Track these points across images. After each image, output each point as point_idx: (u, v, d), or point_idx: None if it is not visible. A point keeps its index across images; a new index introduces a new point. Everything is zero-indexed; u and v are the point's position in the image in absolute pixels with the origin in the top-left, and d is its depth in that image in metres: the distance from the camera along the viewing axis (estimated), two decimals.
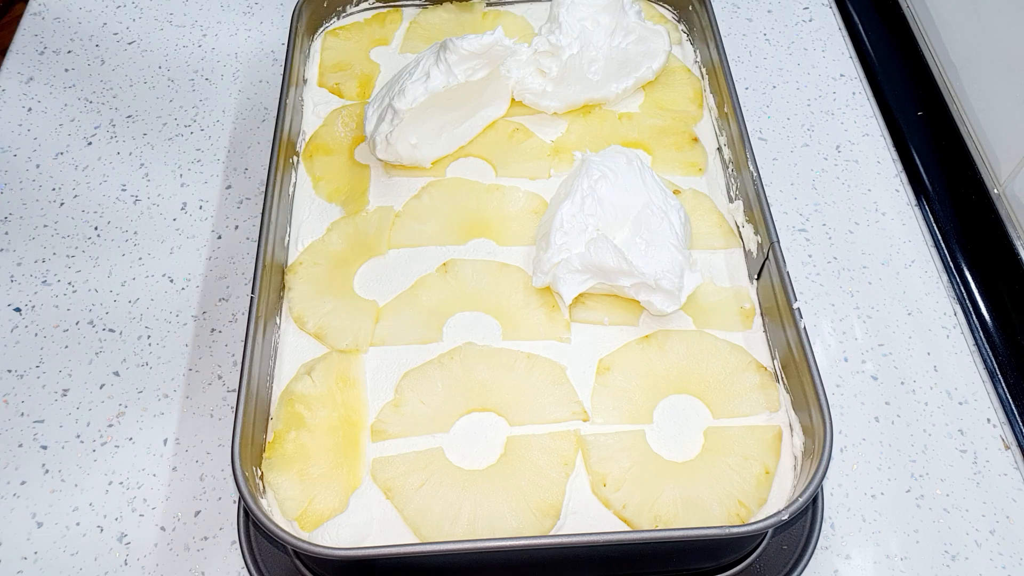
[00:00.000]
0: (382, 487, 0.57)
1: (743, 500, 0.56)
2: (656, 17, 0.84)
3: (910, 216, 0.76)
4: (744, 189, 0.68)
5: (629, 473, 0.57)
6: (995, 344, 0.67)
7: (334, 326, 0.64)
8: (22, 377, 0.67)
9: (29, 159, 0.80)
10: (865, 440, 0.64)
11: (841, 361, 0.68)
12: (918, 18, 0.88)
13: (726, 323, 0.65)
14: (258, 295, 0.60)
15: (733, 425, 0.60)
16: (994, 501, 0.61)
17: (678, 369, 0.62)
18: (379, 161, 0.74)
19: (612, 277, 0.62)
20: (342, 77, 0.80)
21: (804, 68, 0.87)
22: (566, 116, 0.77)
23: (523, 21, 0.85)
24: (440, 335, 0.64)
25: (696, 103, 0.78)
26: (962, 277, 0.72)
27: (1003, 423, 0.64)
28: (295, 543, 0.50)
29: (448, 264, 0.67)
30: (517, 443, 0.59)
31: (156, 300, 0.71)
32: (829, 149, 0.81)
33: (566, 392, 0.61)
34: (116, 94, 0.85)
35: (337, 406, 0.60)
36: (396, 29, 0.85)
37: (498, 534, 0.55)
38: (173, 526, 0.60)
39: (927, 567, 0.59)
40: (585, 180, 0.64)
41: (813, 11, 0.92)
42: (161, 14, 0.92)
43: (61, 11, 0.93)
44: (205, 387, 0.66)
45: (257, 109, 0.84)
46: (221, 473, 0.62)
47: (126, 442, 0.64)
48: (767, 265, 0.63)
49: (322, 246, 0.69)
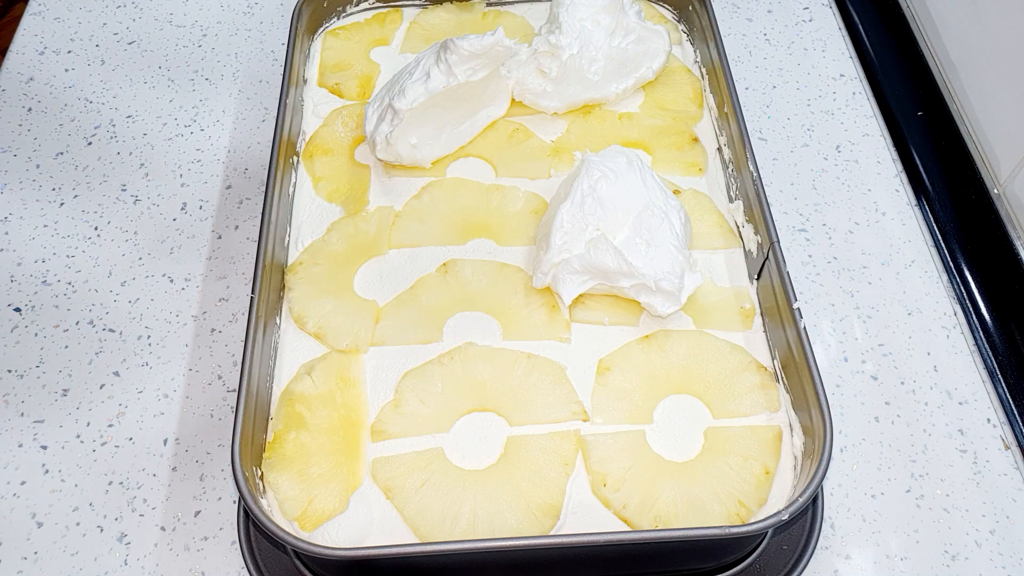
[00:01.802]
0: (382, 487, 0.57)
1: (743, 500, 0.56)
2: (656, 17, 0.84)
3: (910, 216, 0.76)
4: (744, 189, 0.68)
5: (629, 473, 0.57)
6: (995, 344, 0.67)
7: (334, 326, 0.64)
8: (22, 377, 0.67)
9: (29, 159, 0.80)
10: (865, 440, 0.64)
11: (841, 361, 0.68)
12: (918, 18, 0.88)
13: (726, 323, 0.65)
14: (258, 295, 0.60)
15: (733, 425, 0.60)
16: (994, 501, 0.61)
17: (678, 369, 0.62)
18: (379, 161, 0.74)
19: (612, 278, 0.62)
20: (342, 77, 0.80)
21: (804, 68, 0.87)
22: (566, 116, 0.77)
23: (523, 21, 0.85)
24: (440, 335, 0.64)
25: (696, 103, 0.78)
26: (962, 277, 0.72)
27: (1003, 423, 0.64)
28: (295, 543, 0.50)
29: (448, 264, 0.67)
30: (517, 443, 0.59)
31: (156, 300, 0.71)
32: (829, 149, 0.81)
33: (566, 392, 0.61)
34: (116, 94, 0.85)
35: (337, 406, 0.60)
36: (396, 29, 0.85)
37: (498, 534, 0.55)
38: (173, 526, 0.60)
39: (927, 567, 0.59)
40: (585, 180, 0.64)
41: (813, 11, 0.92)
42: (161, 14, 0.92)
43: (61, 11, 0.93)
44: (205, 387, 0.66)
45: (257, 109, 0.84)
46: (221, 473, 0.62)
47: (126, 442, 0.64)
48: (767, 265, 0.63)
49: (322, 246, 0.69)
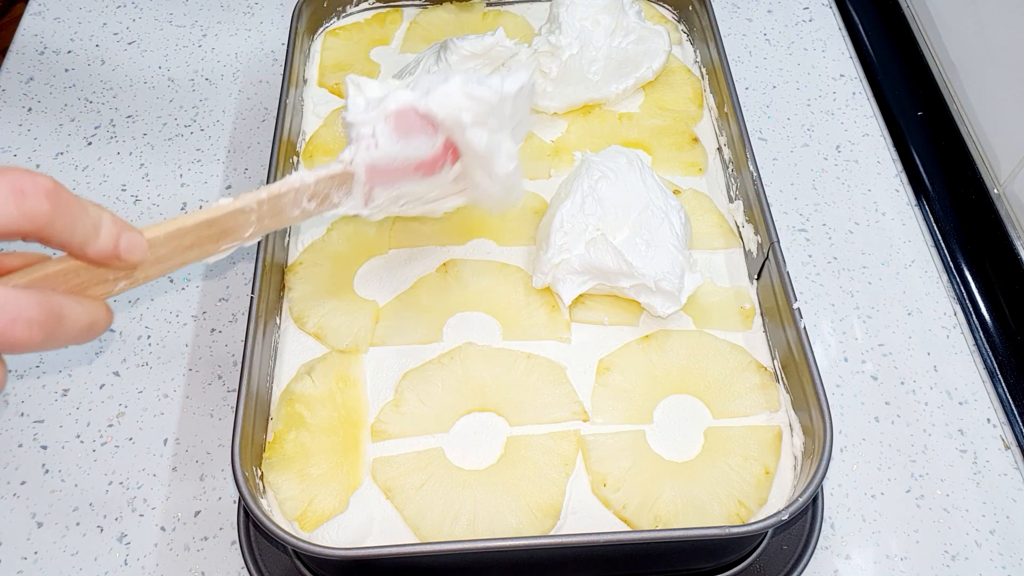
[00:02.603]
0: (382, 487, 0.57)
1: (743, 500, 0.56)
2: (656, 17, 0.84)
3: (910, 216, 0.76)
4: (744, 189, 0.68)
5: (629, 473, 0.57)
6: (995, 344, 0.67)
7: (334, 326, 0.64)
8: (22, 377, 0.67)
9: (29, 159, 0.80)
10: (865, 440, 0.64)
11: (841, 361, 0.68)
12: (918, 18, 0.88)
13: (726, 323, 0.65)
14: (258, 295, 0.60)
15: (733, 425, 0.60)
16: (994, 501, 0.61)
17: (678, 369, 0.62)
18: None
19: (612, 278, 0.62)
20: (342, 77, 0.80)
21: (804, 68, 0.87)
22: (566, 116, 0.77)
23: (523, 21, 0.85)
24: (440, 335, 0.64)
25: (696, 103, 0.78)
26: (962, 277, 0.72)
27: (1003, 423, 0.64)
28: (295, 543, 0.50)
29: (448, 264, 0.67)
30: (517, 443, 0.59)
31: (156, 300, 0.71)
32: (829, 149, 0.81)
33: (566, 392, 0.61)
34: (116, 94, 0.85)
35: (337, 406, 0.60)
36: (396, 29, 0.85)
37: (498, 534, 0.55)
38: (173, 526, 0.60)
39: (927, 567, 0.59)
40: (585, 180, 0.64)
41: (813, 11, 0.92)
42: (161, 14, 0.92)
43: (61, 11, 0.93)
44: (205, 387, 0.66)
45: (257, 109, 0.84)
46: (221, 473, 0.62)
47: (126, 442, 0.64)
48: (767, 265, 0.63)
49: (322, 246, 0.69)
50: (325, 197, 0.51)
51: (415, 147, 0.53)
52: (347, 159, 0.51)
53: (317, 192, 0.50)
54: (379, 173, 0.52)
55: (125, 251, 0.40)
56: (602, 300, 0.65)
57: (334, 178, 0.51)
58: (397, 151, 0.52)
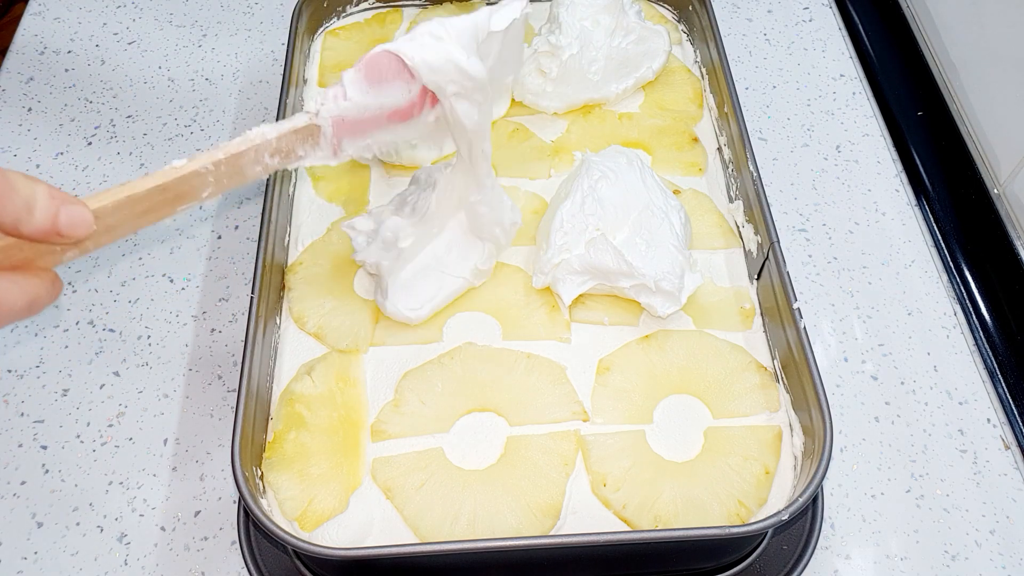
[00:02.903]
0: (382, 487, 0.57)
1: (743, 500, 0.56)
2: (656, 17, 0.84)
3: (910, 216, 0.76)
4: (744, 189, 0.68)
5: (629, 473, 0.57)
6: (995, 344, 0.68)
7: (334, 326, 0.64)
8: (22, 377, 0.67)
9: (29, 159, 0.80)
10: (865, 440, 0.64)
11: (841, 361, 0.68)
12: (918, 18, 0.88)
13: (726, 323, 0.65)
14: (258, 295, 0.60)
15: (733, 425, 0.60)
16: (994, 501, 0.61)
17: (678, 369, 0.62)
18: (379, 161, 0.74)
19: (612, 278, 0.62)
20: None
21: (804, 68, 0.87)
22: (566, 116, 0.77)
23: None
24: (440, 335, 0.64)
25: (696, 103, 0.78)
26: (962, 277, 0.72)
27: (1003, 423, 0.64)
28: (295, 543, 0.50)
29: None
30: (517, 443, 0.59)
31: (156, 300, 0.71)
32: (829, 149, 0.81)
33: (566, 392, 0.61)
34: (116, 94, 0.85)
35: (337, 406, 0.60)
36: (396, 29, 0.85)
37: (498, 534, 0.55)
38: (173, 526, 0.60)
39: (927, 567, 0.59)
40: (585, 180, 0.64)
41: (813, 11, 0.92)
42: (161, 14, 0.92)
43: (61, 11, 0.93)
44: (205, 387, 0.66)
45: (257, 109, 0.84)
46: (221, 473, 0.62)
47: (126, 442, 0.64)
48: (767, 265, 0.63)
49: (322, 246, 0.69)
50: (289, 152, 0.48)
51: (389, 96, 0.49)
52: (313, 111, 0.48)
53: (280, 148, 0.47)
54: (348, 125, 0.48)
55: (66, 227, 0.38)
56: (602, 300, 0.65)
57: (298, 132, 0.47)
58: (368, 101, 0.48)
